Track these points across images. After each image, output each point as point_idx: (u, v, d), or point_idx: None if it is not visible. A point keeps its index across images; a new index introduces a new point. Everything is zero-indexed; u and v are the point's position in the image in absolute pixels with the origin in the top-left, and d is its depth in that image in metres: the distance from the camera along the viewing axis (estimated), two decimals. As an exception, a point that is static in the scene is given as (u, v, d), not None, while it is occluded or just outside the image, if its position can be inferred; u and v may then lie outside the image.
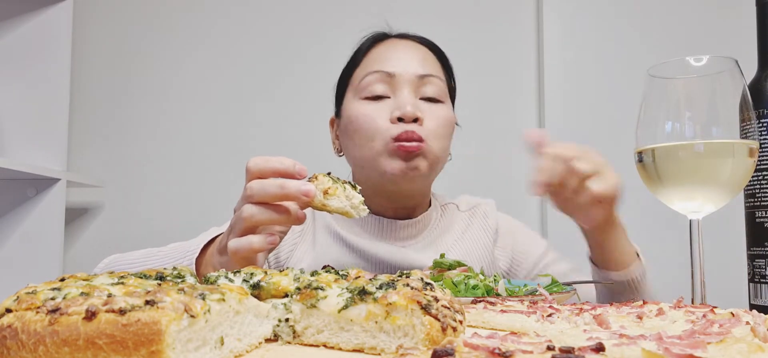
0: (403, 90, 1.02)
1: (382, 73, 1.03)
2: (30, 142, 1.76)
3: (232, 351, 0.43)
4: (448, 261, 0.87)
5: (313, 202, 0.72)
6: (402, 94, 1.01)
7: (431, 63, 1.07)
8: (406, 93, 1.01)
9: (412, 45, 1.09)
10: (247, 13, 2.07)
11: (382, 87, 1.03)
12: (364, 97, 1.04)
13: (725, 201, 0.66)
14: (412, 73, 1.03)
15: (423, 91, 1.03)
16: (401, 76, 1.02)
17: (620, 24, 1.94)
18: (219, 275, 0.52)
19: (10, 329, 0.37)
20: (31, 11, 1.78)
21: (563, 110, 1.93)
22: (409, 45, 1.09)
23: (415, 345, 0.43)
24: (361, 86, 1.05)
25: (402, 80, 1.02)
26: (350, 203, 0.73)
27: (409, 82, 1.02)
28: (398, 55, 1.05)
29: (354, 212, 0.73)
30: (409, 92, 1.02)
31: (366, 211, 0.74)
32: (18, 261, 1.71)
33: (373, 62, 1.06)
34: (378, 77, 1.03)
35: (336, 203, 0.72)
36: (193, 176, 2.03)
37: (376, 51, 1.08)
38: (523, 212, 1.95)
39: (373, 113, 1.02)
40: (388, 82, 1.03)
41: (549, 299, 0.68)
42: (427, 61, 1.07)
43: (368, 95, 1.03)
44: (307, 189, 0.71)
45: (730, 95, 0.64)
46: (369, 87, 1.03)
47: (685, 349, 0.35)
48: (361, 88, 1.04)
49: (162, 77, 2.07)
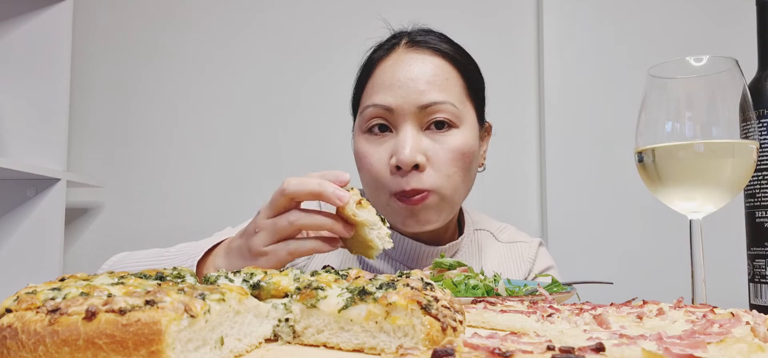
0: (404, 127, 0.93)
1: (380, 108, 0.94)
2: (30, 142, 1.76)
3: (232, 351, 0.43)
4: (448, 261, 0.87)
5: (344, 209, 0.71)
6: (402, 133, 0.93)
7: (441, 82, 0.95)
8: (406, 131, 0.93)
9: (421, 58, 0.97)
10: (247, 13, 2.07)
11: (383, 121, 0.95)
12: (366, 130, 0.97)
13: (725, 201, 0.66)
14: (412, 104, 0.93)
15: (428, 120, 0.94)
16: (400, 110, 0.93)
17: (620, 24, 1.94)
18: (219, 275, 0.52)
19: (10, 329, 0.37)
20: (31, 11, 1.78)
21: (563, 110, 1.93)
22: (418, 59, 0.97)
23: (415, 345, 0.43)
24: (363, 117, 0.97)
25: (400, 114, 0.93)
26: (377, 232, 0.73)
27: (410, 115, 0.93)
28: (401, 77, 0.95)
29: (379, 243, 0.72)
30: (411, 129, 0.93)
31: (391, 244, 0.73)
32: (18, 261, 1.71)
33: (375, 88, 0.97)
34: (376, 112, 0.95)
35: (366, 215, 0.72)
36: (193, 176, 2.03)
37: (382, 69, 0.98)
38: (523, 212, 1.95)
39: (373, 157, 0.95)
40: (388, 117, 0.95)
41: (549, 299, 0.68)
42: (436, 78, 0.95)
43: (369, 128, 0.97)
44: (342, 194, 0.71)
45: (730, 95, 0.64)
46: (369, 121, 0.96)
47: (685, 349, 0.35)
48: (363, 121, 0.97)
49: (162, 77, 2.07)
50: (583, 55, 1.94)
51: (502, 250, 1.13)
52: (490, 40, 2.00)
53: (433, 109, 0.93)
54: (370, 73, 1.00)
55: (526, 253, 1.13)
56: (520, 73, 2.01)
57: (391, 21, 1.11)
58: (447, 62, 0.98)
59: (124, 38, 2.09)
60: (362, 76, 1.03)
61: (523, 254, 1.13)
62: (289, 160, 2.01)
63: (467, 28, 2.10)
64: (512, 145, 1.96)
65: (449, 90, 0.96)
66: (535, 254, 1.14)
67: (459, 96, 0.97)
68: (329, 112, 2.00)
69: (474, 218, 1.16)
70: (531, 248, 1.14)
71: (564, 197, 1.90)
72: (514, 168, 1.97)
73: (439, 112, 0.94)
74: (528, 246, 1.14)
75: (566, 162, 1.91)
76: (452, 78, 0.98)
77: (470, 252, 1.10)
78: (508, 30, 2.02)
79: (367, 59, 1.03)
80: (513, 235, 1.16)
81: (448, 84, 0.96)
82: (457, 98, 0.97)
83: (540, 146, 1.97)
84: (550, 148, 1.92)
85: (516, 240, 1.15)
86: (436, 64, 0.97)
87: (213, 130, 2.05)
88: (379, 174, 0.95)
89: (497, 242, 1.14)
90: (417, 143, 0.92)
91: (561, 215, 1.89)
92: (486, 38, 2.00)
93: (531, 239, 1.16)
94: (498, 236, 1.15)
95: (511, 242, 1.15)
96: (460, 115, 0.96)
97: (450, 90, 0.96)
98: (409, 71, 0.95)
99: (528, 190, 1.97)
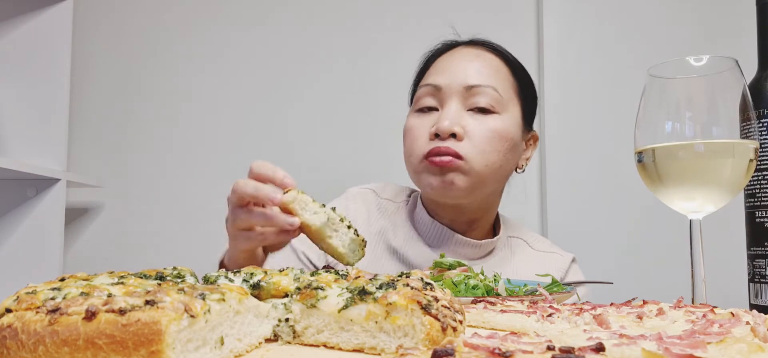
0: (449, 103, 1.01)
1: (431, 87, 1.03)
2: (30, 142, 1.76)
3: (232, 351, 0.43)
4: (448, 261, 0.87)
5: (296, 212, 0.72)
6: (446, 108, 1.00)
7: (490, 71, 1.03)
8: (450, 106, 1.00)
9: (475, 53, 1.06)
10: (247, 13, 2.07)
11: (432, 100, 1.03)
12: (417, 109, 1.05)
13: (725, 201, 0.66)
14: (460, 83, 1.01)
15: (473, 101, 1.01)
16: (448, 88, 1.01)
17: (620, 24, 1.94)
18: (219, 275, 0.52)
19: (10, 329, 0.37)
20: (31, 11, 1.78)
21: (563, 110, 1.93)
22: (472, 53, 1.06)
23: (415, 345, 0.43)
24: (416, 98, 1.06)
25: (448, 92, 1.01)
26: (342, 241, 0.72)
27: (456, 93, 1.01)
28: (456, 65, 1.04)
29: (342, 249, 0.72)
30: (455, 104, 1.00)
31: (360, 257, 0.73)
32: (18, 261, 1.71)
33: (430, 74, 1.06)
34: (427, 90, 1.03)
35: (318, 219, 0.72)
36: (193, 176, 2.03)
37: (441, 59, 1.07)
38: (524, 212, 1.95)
39: (416, 128, 1.02)
40: (437, 95, 1.02)
41: (549, 299, 0.68)
42: (485, 69, 1.03)
43: (419, 107, 1.04)
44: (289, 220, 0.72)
45: (730, 95, 0.64)
46: (420, 100, 1.04)
47: (685, 349, 0.35)
48: (415, 101, 1.06)
49: (162, 77, 2.07)
50: (583, 55, 1.94)
51: (535, 257, 1.14)
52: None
53: (477, 90, 1.00)
54: (428, 67, 1.09)
55: (558, 264, 1.14)
56: (520, 73, 2.00)
57: (392, 25, 1.14)
58: (500, 59, 1.07)
59: (124, 38, 2.09)
60: (422, 69, 1.11)
61: (555, 265, 1.14)
62: (290, 160, 2.01)
63: (467, 28, 2.10)
64: (512, 145, 1.96)
65: (497, 79, 1.03)
66: (566, 268, 1.14)
67: (505, 87, 1.04)
68: (330, 113, 2.00)
69: (510, 225, 1.18)
70: (564, 261, 1.15)
71: (564, 197, 1.90)
72: (514, 168, 1.97)
73: (482, 94, 1.00)
74: (561, 258, 1.15)
75: (566, 162, 1.91)
76: (503, 71, 1.05)
77: (503, 255, 1.12)
78: (508, 30, 2.02)
79: (430, 55, 1.11)
80: (547, 246, 1.18)
81: (498, 75, 1.04)
82: (503, 88, 1.03)
83: (540, 146, 1.97)
84: (550, 149, 1.92)
85: (549, 251, 1.16)
86: (490, 58, 1.06)
87: (213, 131, 2.05)
88: (419, 142, 1.01)
89: (531, 249, 1.16)
90: (458, 116, 0.99)
91: (561, 215, 1.89)
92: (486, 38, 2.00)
93: (565, 253, 1.17)
94: (532, 244, 1.17)
95: (545, 251, 1.16)
96: (503, 103, 1.02)
97: (497, 79, 1.03)
98: (463, 60, 1.04)
99: (528, 190, 1.97)
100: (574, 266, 1.17)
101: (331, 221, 0.72)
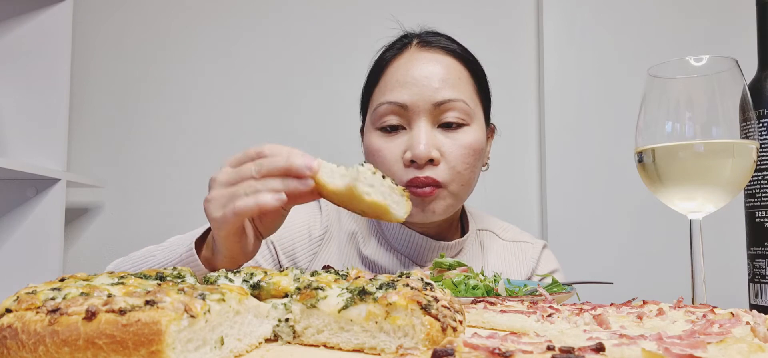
0: (418, 123, 0.95)
1: (394, 105, 0.96)
2: (30, 142, 1.76)
3: (232, 351, 0.43)
4: (448, 261, 0.87)
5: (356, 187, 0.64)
6: (416, 129, 0.94)
7: (454, 80, 0.98)
8: (420, 127, 0.94)
9: (433, 58, 0.99)
10: (248, 14, 2.07)
11: (396, 119, 0.97)
12: (379, 127, 0.98)
13: (725, 201, 0.66)
14: (427, 101, 0.95)
15: (442, 117, 0.96)
16: (415, 106, 0.95)
17: (620, 24, 1.94)
18: (219, 275, 0.52)
19: (10, 329, 0.37)
20: (31, 11, 1.78)
21: (563, 110, 1.93)
22: (430, 58, 0.99)
23: (415, 345, 0.43)
24: (376, 114, 0.99)
25: (415, 111, 0.95)
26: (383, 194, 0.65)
27: (424, 111, 0.95)
28: (416, 75, 0.96)
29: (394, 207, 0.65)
30: (425, 125, 0.95)
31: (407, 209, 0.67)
32: (18, 261, 1.71)
33: (389, 86, 0.98)
34: (390, 108, 0.96)
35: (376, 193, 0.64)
36: (193, 176, 2.03)
37: (394, 67, 1.00)
38: (524, 212, 1.95)
39: (386, 151, 0.96)
40: (402, 114, 0.96)
41: (549, 299, 0.68)
42: (449, 77, 0.97)
43: (382, 126, 0.98)
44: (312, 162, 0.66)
45: (730, 95, 0.64)
46: (383, 118, 0.97)
47: (685, 349, 0.35)
48: (376, 118, 0.99)
49: (162, 77, 2.07)
50: (583, 55, 1.94)
51: (505, 248, 1.13)
52: (490, 41, 2.00)
53: (447, 106, 0.95)
54: (381, 72, 1.02)
55: (530, 253, 1.13)
56: (520, 73, 2.01)
57: (390, 23, 1.12)
58: (458, 62, 1.01)
59: (124, 38, 2.09)
60: (373, 75, 1.04)
61: (526, 254, 1.13)
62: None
63: (467, 28, 2.10)
64: (512, 145, 1.96)
65: (462, 88, 0.98)
66: (538, 256, 1.13)
67: (470, 95, 1.00)
68: (330, 113, 2.00)
69: (477, 217, 1.16)
70: (534, 249, 1.14)
71: (564, 197, 1.90)
72: (514, 168, 1.97)
73: (452, 109, 0.96)
74: (531, 247, 1.14)
75: (566, 162, 1.91)
76: (464, 77, 1.00)
77: (474, 251, 1.11)
78: (508, 30, 2.02)
79: (378, 58, 1.05)
80: (517, 234, 1.17)
81: (461, 83, 0.99)
82: (469, 97, 0.99)
83: (540, 146, 1.97)
84: (550, 149, 1.92)
85: (519, 240, 1.15)
86: (449, 64, 0.99)
87: (213, 130, 2.05)
88: (392, 168, 0.96)
89: (500, 240, 1.14)
90: (431, 139, 0.95)
91: (561, 215, 1.89)
92: (486, 38, 2.00)
93: (535, 240, 1.16)
94: (501, 234, 1.15)
95: (515, 241, 1.15)
96: (471, 113, 0.98)
97: (462, 88, 0.98)
98: (422, 69, 0.97)
99: (528, 190, 1.97)
100: (546, 252, 1.16)
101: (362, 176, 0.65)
